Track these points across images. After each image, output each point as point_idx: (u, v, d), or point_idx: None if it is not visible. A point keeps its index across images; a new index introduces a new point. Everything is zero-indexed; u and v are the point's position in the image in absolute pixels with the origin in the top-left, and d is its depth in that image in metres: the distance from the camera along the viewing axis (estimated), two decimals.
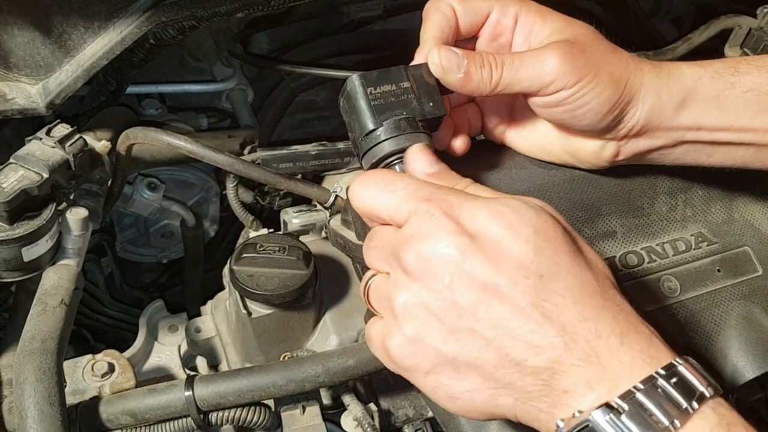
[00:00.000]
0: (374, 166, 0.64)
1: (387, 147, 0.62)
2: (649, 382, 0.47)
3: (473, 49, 0.69)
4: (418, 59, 0.66)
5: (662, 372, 0.48)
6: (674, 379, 0.47)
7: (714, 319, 0.75)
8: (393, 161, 0.63)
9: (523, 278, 0.50)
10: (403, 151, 0.63)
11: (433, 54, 0.64)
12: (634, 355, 0.49)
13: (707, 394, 0.48)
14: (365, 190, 0.57)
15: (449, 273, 0.50)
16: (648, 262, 0.75)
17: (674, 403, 0.47)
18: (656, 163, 0.72)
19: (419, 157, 0.60)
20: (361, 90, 0.63)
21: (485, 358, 0.50)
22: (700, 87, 0.66)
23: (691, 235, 0.78)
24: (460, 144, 0.70)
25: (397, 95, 0.64)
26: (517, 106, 0.73)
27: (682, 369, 0.48)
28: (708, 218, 0.79)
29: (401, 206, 0.54)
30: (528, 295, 0.49)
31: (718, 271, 0.77)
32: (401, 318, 0.52)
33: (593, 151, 0.70)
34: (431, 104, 0.64)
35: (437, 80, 0.65)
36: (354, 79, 0.64)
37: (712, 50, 1.11)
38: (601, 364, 0.48)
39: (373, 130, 0.63)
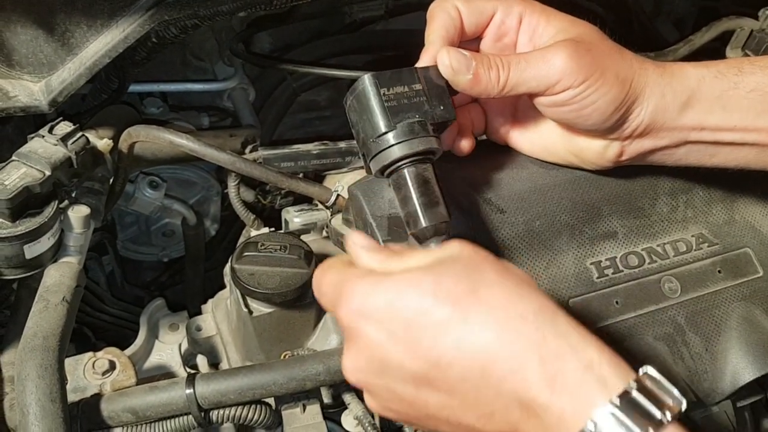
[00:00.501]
0: (386, 167, 0.63)
1: (400, 150, 0.61)
2: None
3: (477, 49, 0.69)
4: (423, 60, 0.66)
5: (596, 421, 0.45)
6: (608, 424, 0.44)
7: (714, 320, 0.75)
8: (403, 165, 0.62)
9: (442, 356, 0.49)
10: (416, 155, 0.62)
11: (442, 55, 0.64)
12: (563, 405, 0.46)
13: None
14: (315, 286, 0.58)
15: (381, 375, 0.52)
16: (649, 263, 0.75)
17: None
18: (659, 163, 0.72)
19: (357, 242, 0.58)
20: (374, 90, 0.62)
21: (448, 429, 0.52)
22: (703, 87, 0.66)
23: (692, 236, 0.78)
24: (465, 144, 0.70)
25: (410, 97, 0.63)
26: (520, 107, 0.73)
27: (615, 413, 0.45)
28: (709, 219, 0.80)
29: (332, 310, 0.56)
30: (453, 372, 0.49)
31: (719, 272, 0.77)
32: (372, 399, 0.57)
33: (597, 151, 0.70)
34: (442, 108, 0.64)
35: (446, 82, 0.65)
36: (367, 79, 0.62)
37: (713, 52, 1.11)
38: (539, 417, 0.47)
39: (385, 133, 0.62)
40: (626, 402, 0.45)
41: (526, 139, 0.74)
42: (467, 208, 0.71)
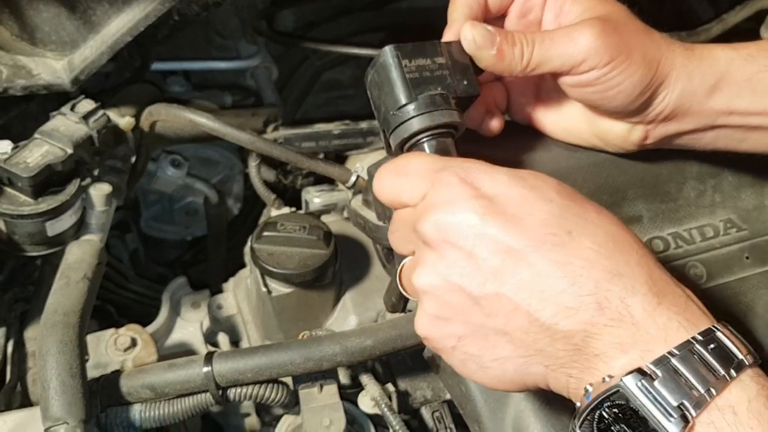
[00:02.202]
0: (405, 141, 0.61)
1: (420, 123, 0.60)
2: (686, 347, 0.45)
3: (501, 27, 0.67)
4: (446, 37, 0.65)
5: (699, 337, 0.46)
6: (712, 345, 0.46)
7: (741, 306, 0.73)
8: (423, 138, 0.60)
9: (551, 235, 0.48)
10: (436, 128, 0.60)
11: (465, 30, 0.62)
12: (670, 317, 0.46)
13: (746, 363, 0.46)
14: (383, 180, 0.56)
15: (470, 238, 0.49)
16: (674, 248, 0.73)
17: (711, 370, 0.45)
18: (686, 147, 0.70)
19: None
20: (395, 62, 0.60)
21: (514, 324, 0.48)
22: (732, 70, 0.64)
23: (720, 221, 0.76)
24: (495, 123, 0.69)
25: (432, 70, 0.61)
26: (543, 87, 0.72)
27: (721, 335, 0.47)
28: (737, 204, 0.77)
29: (418, 185, 0.53)
30: (556, 254, 0.47)
31: (747, 258, 0.75)
32: (422, 296, 0.52)
33: (621, 134, 0.69)
34: (465, 82, 0.62)
35: (470, 58, 0.63)
36: (388, 51, 0.61)
37: (747, 31, 1.08)
38: (635, 325, 0.46)
39: (406, 105, 0.60)
40: (723, 329, 0.47)
41: (549, 119, 0.73)
42: None
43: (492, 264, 0.48)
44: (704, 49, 0.65)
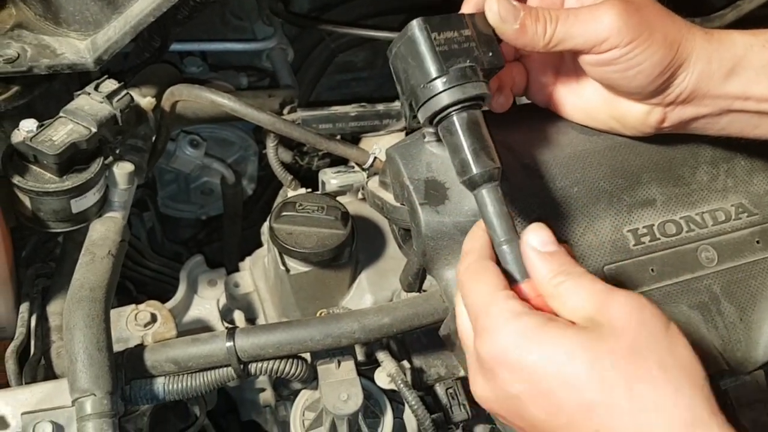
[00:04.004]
0: (436, 114, 0.61)
1: (451, 96, 0.60)
2: None
3: (524, 2, 0.68)
4: (466, 8, 0.65)
5: None
6: None
7: (750, 290, 0.74)
8: (453, 111, 0.61)
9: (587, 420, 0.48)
10: (467, 100, 0.60)
11: (490, 2, 0.63)
12: None
13: None
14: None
15: (517, 418, 0.53)
16: (686, 231, 0.74)
17: None
18: (701, 132, 0.71)
19: (537, 234, 0.56)
20: (425, 35, 0.60)
21: None
22: (750, 55, 0.65)
23: (732, 205, 0.77)
24: (502, 101, 0.70)
25: (460, 42, 0.61)
26: (563, 68, 0.72)
27: None
28: (749, 189, 0.79)
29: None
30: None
31: (757, 242, 0.76)
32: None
33: (639, 116, 0.69)
34: (491, 54, 0.63)
35: (493, 30, 0.64)
36: (416, 24, 0.61)
37: (762, 18, 1.08)
38: None
39: (436, 78, 0.60)
40: None
41: (567, 102, 0.73)
42: (504, 173, 0.71)
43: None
44: (723, 34, 0.66)
